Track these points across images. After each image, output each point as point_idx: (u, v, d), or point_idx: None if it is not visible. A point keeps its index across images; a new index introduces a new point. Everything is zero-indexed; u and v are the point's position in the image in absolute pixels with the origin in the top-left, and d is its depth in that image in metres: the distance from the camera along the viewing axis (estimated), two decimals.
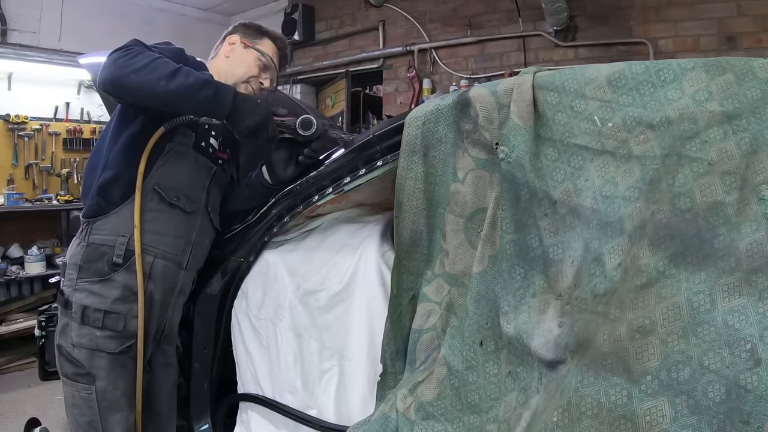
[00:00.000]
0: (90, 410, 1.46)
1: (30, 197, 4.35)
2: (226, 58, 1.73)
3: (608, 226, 1.07)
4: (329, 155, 1.59)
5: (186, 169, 1.57)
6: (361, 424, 1.35)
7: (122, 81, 1.38)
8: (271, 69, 1.75)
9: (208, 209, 1.64)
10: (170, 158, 1.53)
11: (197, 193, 1.60)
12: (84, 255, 1.47)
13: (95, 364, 1.45)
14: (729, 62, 1.05)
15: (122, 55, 1.39)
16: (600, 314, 1.00)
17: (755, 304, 0.85)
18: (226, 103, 1.44)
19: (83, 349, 1.45)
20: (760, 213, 0.89)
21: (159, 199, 1.51)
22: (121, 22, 4.67)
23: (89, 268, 1.46)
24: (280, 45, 1.79)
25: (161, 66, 1.38)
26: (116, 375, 1.47)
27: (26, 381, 3.62)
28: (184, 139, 1.56)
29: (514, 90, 1.26)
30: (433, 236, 1.40)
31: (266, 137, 1.49)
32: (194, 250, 1.60)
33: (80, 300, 1.45)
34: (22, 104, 4.34)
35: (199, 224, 1.61)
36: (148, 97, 1.40)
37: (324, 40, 5.10)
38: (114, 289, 1.46)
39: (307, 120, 1.54)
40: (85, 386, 1.45)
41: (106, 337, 1.45)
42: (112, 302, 1.45)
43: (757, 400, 0.79)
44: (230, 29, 1.79)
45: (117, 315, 1.45)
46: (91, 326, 1.44)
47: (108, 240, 1.47)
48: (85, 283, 1.46)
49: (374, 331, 1.48)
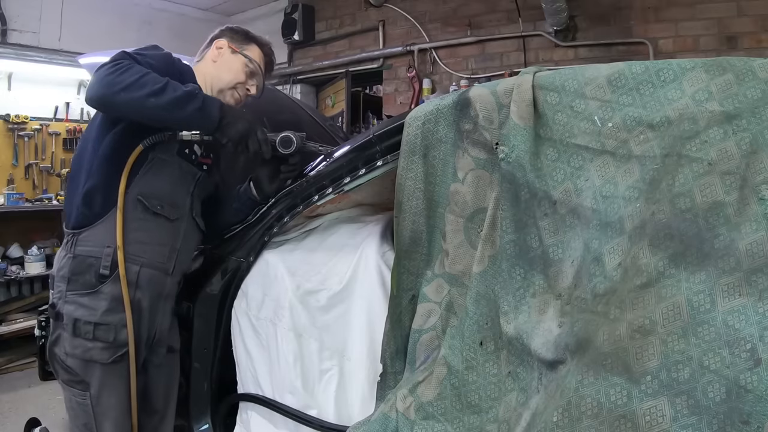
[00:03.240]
0: (85, 414, 1.49)
1: (30, 197, 4.34)
2: (213, 63, 1.71)
3: (608, 226, 1.07)
4: (312, 167, 1.61)
5: (169, 177, 1.58)
6: (361, 424, 1.35)
7: (111, 99, 1.39)
8: (258, 75, 1.74)
9: (192, 214, 1.65)
10: (153, 166, 1.54)
11: (182, 200, 1.61)
12: (71, 267, 1.49)
13: (89, 373, 1.48)
14: (729, 62, 1.05)
15: (110, 71, 1.39)
16: (600, 314, 1.00)
17: (755, 304, 0.85)
18: (214, 115, 1.47)
19: (77, 359, 1.47)
20: (760, 213, 0.89)
21: (143, 209, 1.52)
22: (121, 22, 4.67)
23: (77, 281, 1.48)
24: (267, 51, 1.78)
25: (150, 82, 1.39)
26: (110, 383, 1.50)
27: (26, 381, 3.61)
28: (168, 146, 1.57)
29: (514, 90, 1.26)
30: (433, 236, 1.40)
31: (254, 146, 1.52)
32: (180, 256, 1.61)
33: (71, 312, 1.47)
34: (22, 104, 4.33)
35: (184, 230, 1.62)
36: (139, 114, 1.43)
37: (324, 40, 5.10)
38: (102, 300, 1.47)
39: (287, 138, 1.59)
40: (80, 392, 1.49)
41: (98, 348, 1.47)
42: (101, 314, 1.47)
43: (757, 400, 0.79)
44: (217, 32, 1.77)
45: (107, 326, 1.47)
46: (82, 338, 1.46)
47: (94, 251, 1.48)
48: (75, 295, 1.48)
49: (374, 331, 1.48)
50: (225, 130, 1.49)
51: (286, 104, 2.67)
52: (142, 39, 4.66)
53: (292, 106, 2.72)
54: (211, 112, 1.47)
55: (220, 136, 1.51)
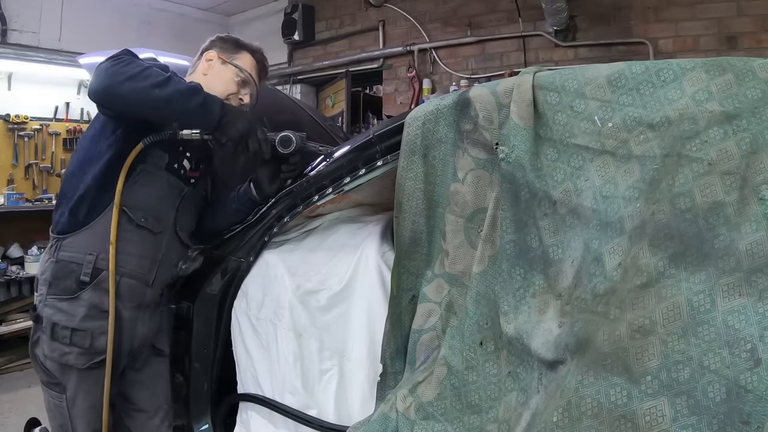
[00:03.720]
0: (61, 416, 1.52)
1: (30, 197, 4.35)
2: (204, 76, 1.69)
3: (608, 226, 1.07)
4: (312, 167, 1.61)
5: (156, 190, 1.58)
6: (361, 424, 1.35)
7: (116, 89, 1.39)
8: (251, 84, 1.72)
9: (176, 229, 1.65)
10: (140, 179, 1.54)
11: (166, 213, 1.61)
12: (53, 271, 1.50)
13: (65, 376, 1.50)
14: (729, 62, 1.05)
15: (113, 64, 1.40)
16: (600, 314, 1.00)
17: (755, 304, 0.85)
18: (215, 112, 1.47)
19: (54, 362, 1.49)
20: (760, 213, 0.89)
21: (126, 220, 1.52)
22: (121, 22, 4.68)
23: (58, 285, 1.49)
24: (259, 57, 1.77)
25: (154, 74, 1.41)
26: (85, 388, 1.51)
27: (26, 381, 3.61)
28: (157, 160, 1.57)
29: (514, 90, 1.26)
30: (433, 236, 1.40)
31: (254, 145, 1.52)
32: (161, 269, 1.61)
33: (49, 316, 1.48)
34: (22, 104, 4.34)
35: (166, 243, 1.62)
36: (142, 105, 1.42)
37: (324, 40, 5.10)
38: (81, 307, 1.48)
39: (286, 138, 1.58)
40: (57, 394, 1.51)
41: (74, 354, 1.48)
42: (79, 320, 1.48)
43: (757, 400, 0.79)
44: (207, 44, 1.76)
45: (84, 332, 1.48)
46: (60, 342, 1.48)
47: (76, 257, 1.49)
48: (54, 299, 1.49)
49: (374, 331, 1.48)
50: (225, 129, 1.49)
51: (286, 104, 2.67)
52: (142, 39, 4.68)
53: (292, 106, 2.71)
54: (213, 108, 1.47)
55: (219, 135, 1.50)
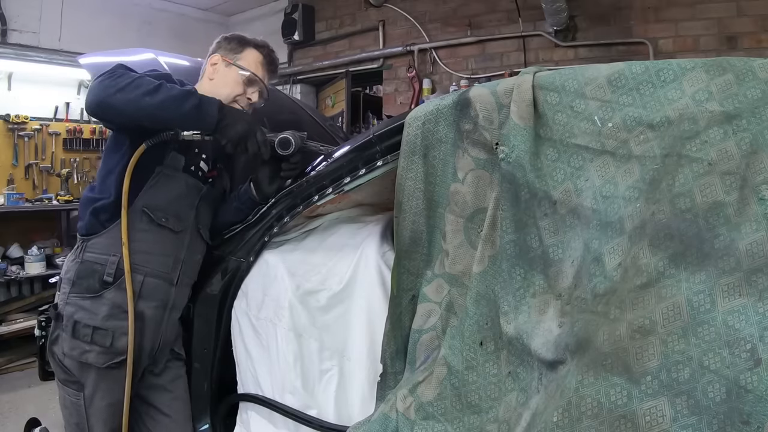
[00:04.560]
0: (78, 414, 1.53)
1: (30, 197, 4.34)
2: (210, 81, 1.71)
3: (608, 226, 1.07)
4: (312, 167, 1.61)
5: (175, 190, 1.60)
6: (361, 424, 1.35)
7: (109, 101, 1.42)
8: (257, 82, 1.73)
9: (198, 227, 1.67)
10: (160, 180, 1.57)
11: (186, 213, 1.63)
12: (77, 271, 1.53)
13: (84, 374, 1.51)
14: (729, 62, 1.05)
15: (106, 78, 1.44)
16: (600, 314, 1.00)
17: (755, 304, 0.85)
18: (212, 113, 1.48)
19: (74, 360, 1.50)
20: (760, 213, 0.89)
21: (148, 220, 1.55)
22: (121, 22, 4.68)
23: (81, 284, 1.52)
24: (265, 52, 1.77)
25: (145, 83, 1.43)
26: (104, 387, 1.52)
27: (26, 381, 3.62)
28: (174, 162, 1.60)
29: (514, 90, 1.26)
30: (433, 236, 1.40)
31: (254, 147, 1.53)
32: (184, 267, 1.64)
33: (71, 314, 1.51)
34: (22, 104, 4.34)
35: (188, 242, 1.64)
36: (135, 113, 1.44)
37: (324, 40, 5.10)
38: (103, 306, 1.51)
39: (285, 139, 1.59)
40: (74, 392, 1.52)
41: (94, 352, 1.50)
42: (101, 319, 1.50)
43: (757, 400, 0.79)
44: (213, 47, 1.77)
45: (105, 331, 1.50)
46: (80, 340, 1.50)
47: (100, 258, 1.52)
48: (77, 298, 1.51)
49: (374, 331, 1.48)
50: (224, 131, 1.50)
51: (286, 104, 2.67)
52: (143, 39, 4.68)
53: (292, 106, 2.72)
54: (209, 110, 1.48)
55: (219, 137, 1.52)
